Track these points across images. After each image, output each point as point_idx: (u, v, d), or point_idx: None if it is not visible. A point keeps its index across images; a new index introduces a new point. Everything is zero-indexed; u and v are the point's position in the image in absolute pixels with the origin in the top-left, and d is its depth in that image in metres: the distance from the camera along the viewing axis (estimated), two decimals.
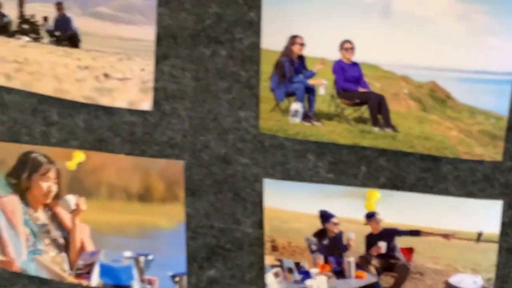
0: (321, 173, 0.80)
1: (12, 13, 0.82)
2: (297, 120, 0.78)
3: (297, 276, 0.86)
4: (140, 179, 0.86)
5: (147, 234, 0.88)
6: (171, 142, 0.83)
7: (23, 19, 0.82)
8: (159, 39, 0.79)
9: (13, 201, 0.90)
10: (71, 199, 0.89)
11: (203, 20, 0.77)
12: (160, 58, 0.80)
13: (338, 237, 0.82)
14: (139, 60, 0.80)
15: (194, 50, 0.79)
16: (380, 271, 0.83)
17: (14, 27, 0.82)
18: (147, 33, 0.79)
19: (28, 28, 0.82)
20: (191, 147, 0.83)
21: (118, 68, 0.81)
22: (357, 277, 0.84)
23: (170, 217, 0.87)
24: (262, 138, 0.80)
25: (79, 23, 0.80)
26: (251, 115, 0.80)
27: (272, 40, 0.76)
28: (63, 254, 0.91)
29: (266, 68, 0.77)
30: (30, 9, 0.81)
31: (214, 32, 0.77)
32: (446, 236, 0.80)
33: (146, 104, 0.82)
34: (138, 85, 0.81)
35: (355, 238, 0.82)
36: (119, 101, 0.82)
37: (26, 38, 0.82)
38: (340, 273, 0.84)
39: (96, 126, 0.85)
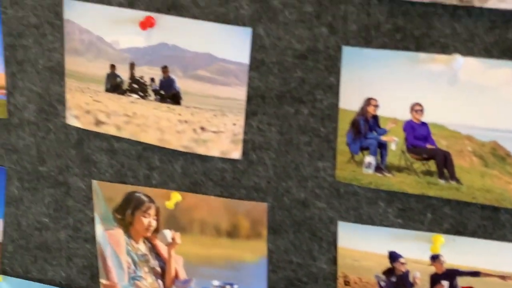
0: (390, 218, 0.82)
1: (124, 75, 0.86)
2: (370, 171, 0.80)
3: None
4: (228, 218, 0.88)
5: (233, 266, 0.90)
6: (257, 187, 0.86)
7: (133, 79, 0.86)
8: (249, 98, 0.82)
9: (118, 233, 0.93)
10: (168, 234, 0.91)
11: (289, 83, 0.80)
12: (250, 115, 0.82)
13: (405, 275, 0.83)
14: (231, 116, 0.83)
15: (279, 108, 0.81)
16: None
17: (125, 86, 0.86)
18: (239, 93, 0.82)
19: (137, 87, 0.86)
20: (274, 191, 0.85)
21: (213, 122, 0.84)
22: None
23: (254, 252, 0.88)
24: (337, 185, 0.82)
25: (181, 84, 0.83)
26: (329, 165, 0.82)
27: (349, 101, 0.78)
28: (160, 281, 0.94)
29: (343, 125, 0.79)
30: (139, 71, 0.85)
31: (298, 93, 0.80)
32: (503, 277, 0.79)
33: (236, 153, 0.84)
34: (230, 137, 0.84)
35: (420, 276, 0.83)
36: (213, 151, 0.85)
37: (135, 96, 0.86)
38: None
39: (192, 171, 0.88)
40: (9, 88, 0.92)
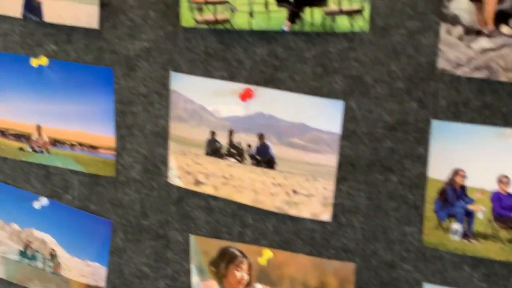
0: (475, 282, 0.79)
1: (223, 141, 0.88)
2: (457, 237, 0.78)
3: None
4: (317, 276, 0.87)
5: None
6: (345, 247, 0.85)
7: (231, 145, 0.88)
8: (340, 165, 0.82)
9: (212, 285, 0.94)
10: None
11: (378, 152, 0.80)
12: (340, 180, 0.83)
13: None
14: (322, 181, 0.83)
15: (369, 176, 0.81)
16: None
17: (224, 150, 0.88)
18: (331, 160, 0.82)
19: (235, 152, 0.88)
20: (362, 253, 0.85)
21: (304, 186, 0.84)
22: None
23: None
24: (424, 249, 0.81)
25: (276, 150, 0.85)
26: (416, 230, 0.81)
27: (438, 171, 0.77)
28: None
29: (431, 193, 0.78)
30: (237, 138, 0.87)
31: (387, 162, 0.80)
32: None
33: (326, 215, 0.85)
34: (320, 201, 0.84)
35: None
36: (304, 212, 0.85)
37: (232, 160, 0.88)
38: None
39: (283, 230, 0.88)
40: (118, 150, 0.95)
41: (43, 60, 0.94)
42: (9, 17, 0.95)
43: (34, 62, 0.95)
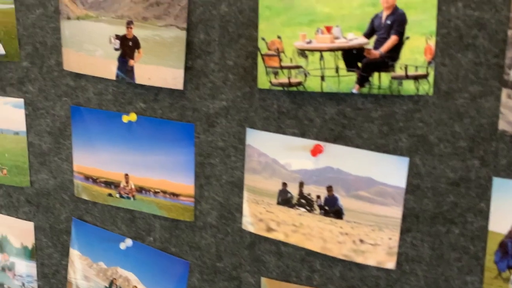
0: None
1: (294, 191, 0.90)
2: None
3: None
4: None
5: None
6: None
7: (302, 196, 0.90)
8: (404, 217, 0.83)
9: None
10: None
11: (442, 206, 0.81)
12: (404, 231, 0.84)
13: None
14: (387, 231, 0.84)
15: (432, 227, 0.82)
16: None
17: (294, 201, 0.90)
18: (396, 212, 0.84)
19: (305, 202, 0.90)
20: None
21: (371, 236, 0.86)
22: None
23: None
24: None
25: (344, 202, 0.87)
26: (476, 280, 0.81)
27: (498, 225, 0.78)
28: None
29: (492, 245, 0.79)
30: (307, 189, 0.89)
31: (450, 215, 0.81)
32: None
33: (390, 264, 0.86)
34: (385, 250, 0.85)
35: None
36: (370, 260, 0.86)
37: (302, 209, 0.90)
38: None
39: (349, 276, 0.90)
40: (196, 197, 0.99)
41: (133, 117, 1.00)
42: (104, 79, 1.01)
43: (125, 118, 1.00)
